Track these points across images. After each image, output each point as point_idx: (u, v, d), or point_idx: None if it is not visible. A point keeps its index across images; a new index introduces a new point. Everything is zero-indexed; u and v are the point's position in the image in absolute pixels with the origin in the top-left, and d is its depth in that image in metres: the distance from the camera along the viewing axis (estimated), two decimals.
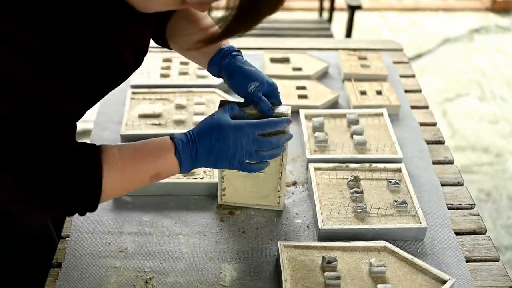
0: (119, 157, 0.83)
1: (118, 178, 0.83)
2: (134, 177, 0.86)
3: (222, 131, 0.89)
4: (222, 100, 1.00)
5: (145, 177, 0.86)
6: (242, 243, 1.05)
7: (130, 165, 0.84)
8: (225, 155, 0.89)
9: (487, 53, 3.52)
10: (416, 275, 0.97)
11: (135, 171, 0.85)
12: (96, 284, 0.96)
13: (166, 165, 0.87)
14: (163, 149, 0.87)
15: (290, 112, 0.98)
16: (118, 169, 0.82)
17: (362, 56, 1.58)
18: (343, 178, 1.16)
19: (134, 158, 0.85)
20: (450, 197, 1.17)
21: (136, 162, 0.85)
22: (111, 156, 0.82)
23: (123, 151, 0.84)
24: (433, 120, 1.40)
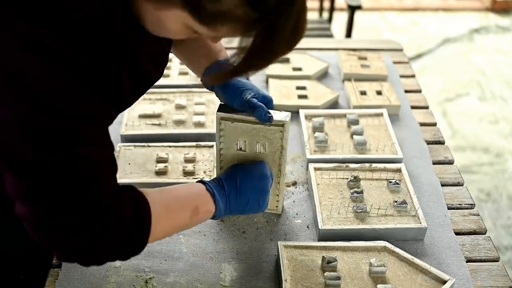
0: (161, 198, 0.83)
1: (164, 220, 0.82)
2: (177, 217, 0.86)
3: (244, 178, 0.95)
4: (221, 103, 1.00)
5: (186, 214, 0.86)
6: (242, 243, 1.05)
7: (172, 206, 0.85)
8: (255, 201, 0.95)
9: (487, 53, 3.52)
10: (416, 275, 0.97)
11: (178, 211, 0.86)
12: (96, 284, 0.96)
13: (203, 199, 0.89)
14: (196, 187, 0.91)
15: (289, 120, 0.97)
16: (162, 211, 0.82)
17: (362, 56, 1.58)
18: (343, 178, 1.16)
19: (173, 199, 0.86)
20: (450, 197, 1.17)
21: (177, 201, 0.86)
22: (154, 199, 0.81)
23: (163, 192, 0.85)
24: (433, 120, 1.40)
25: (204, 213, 0.89)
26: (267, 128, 0.97)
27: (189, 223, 0.88)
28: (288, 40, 0.70)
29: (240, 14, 0.67)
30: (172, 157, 1.21)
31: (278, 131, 0.97)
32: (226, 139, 1.00)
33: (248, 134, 0.99)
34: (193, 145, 1.24)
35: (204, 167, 1.18)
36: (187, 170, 1.16)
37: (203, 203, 0.89)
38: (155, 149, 1.23)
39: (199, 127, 1.30)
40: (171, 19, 0.72)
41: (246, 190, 0.94)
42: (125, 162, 1.19)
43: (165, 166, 1.17)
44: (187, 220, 0.87)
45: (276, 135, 0.98)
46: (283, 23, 0.68)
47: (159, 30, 0.76)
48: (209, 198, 0.90)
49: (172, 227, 0.86)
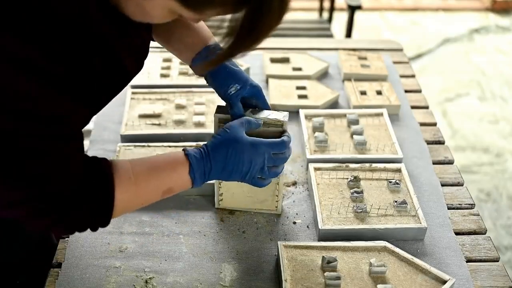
0: (132, 172, 0.82)
1: (131, 193, 0.82)
2: (146, 192, 0.84)
3: (238, 148, 0.88)
4: (219, 105, 1.00)
5: (158, 192, 0.85)
6: (242, 243, 1.05)
7: (143, 180, 0.83)
8: (238, 171, 0.89)
9: (487, 53, 3.52)
10: (416, 275, 0.97)
11: (148, 187, 0.84)
12: (96, 284, 0.96)
13: (179, 180, 0.86)
14: (177, 165, 0.86)
15: (287, 120, 0.97)
16: (131, 184, 0.81)
17: (362, 56, 1.58)
18: (343, 178, 1.16)
19: (147, 173, 0.84)
20: (450, 197, 1.17)
21: (149, 177, 0.84)
22: (123, 171, 0.81)
23: (135, 166, 0.83)
24: (433, 120, 1.40)
25: (178, 191, 0.87)
26: (265, 130, 0.97)
27: (159, 199, 0.87)
28: (275, 16, 0.70)
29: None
30: None
31: (276, 132, 0.97)
32: None
33: None
34: (193, 145, 1.24)
35: None
36: None
37: (179, 184, 0.87)
38: (155, 149, 1.23)
39: (199, 127, 1.30)
40: (156, 6, 0.71)
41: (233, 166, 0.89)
42: None
43: None
44: (158, 198, 0.86)
45: (274, 136, 0.98)
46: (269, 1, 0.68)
47: (142, 17, 0.75)
48: (187, 179, 0.86)
49: (140, 203, 0.85)
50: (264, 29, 0.71)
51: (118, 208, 0.80)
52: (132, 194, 0.82)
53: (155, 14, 0.73)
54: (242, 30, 0.69)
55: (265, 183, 0.95)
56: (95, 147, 1.26)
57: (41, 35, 0.66)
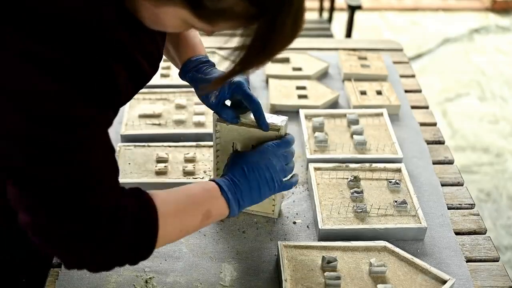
0: (171, 201, 0.81)
1: (173, 224, 0.80)
2: (187, 221, 0.83)
3: (250, 161, 0.91)
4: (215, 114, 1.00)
5: (197, 218, 0.84)
6: (242, 243, 1.05)
7: (182, 208, 0.82)
8: (264, 181, 0.90)
9: (487, 53, 3.52)
10: (416, 275, 0.97)
11: (188, 214, 0.83)
12: (96, 284, 0.96)
13: (216, 202, 0.86)
14: (210, 189, 0.87)
15: (284, 125, 0.97)
16: (172, 215, 0.80)
17: (362, 56, 1.58)
18: (343, 178, 1.16)
19: (185, 199, 0.84)
20: (450, 197, 1.17)
21: (187, 203, 0.84)
22: (162, 202, 0.79)
23: (172, 195, 0.83)
24: (433, 120, 1.40)
25: (217, 216, 0.87)
26: (262, 132, 0.97)
27: (200, 226, 0.86)
28: (288, 34, 0.70)
29: (240, 10, 0.66)
30: (172, 157, 1.21)
31: (273, 135, 0.97)
32: (222, 140, 1.01)
33: (243, 137, 0.99)
34: (193, 145, 1.24)
35: (204, 167, 1.18)
36: (187, 170, 1.16)
37: (216, 206, 0.87)
38: (155, 149, 1.23)
39: (199, 127, 1.30)
40: (170, 15, 0.71)
41: (259, 185, 0.90)
42: (125, 162, 1.19)
43: (165, 166, 1.17)
44: (198, 223, 0.85)
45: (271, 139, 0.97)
46: (283, 17, 0.67)
47: (156, 25, 0.75)
48: (222, 201, 0.87)
49: (181, 230, 0.84)
50: (276, 46, 0.70)
51: (160, 242, 0.79)
52: (174, 226, 0.81)
53: (168, 23, 0.73)
54: (254, 45, 0.69)
55: (293, 181, 0.98)
56: None
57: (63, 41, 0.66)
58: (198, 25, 0.72)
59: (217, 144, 1.02)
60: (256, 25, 0.68)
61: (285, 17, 0.67)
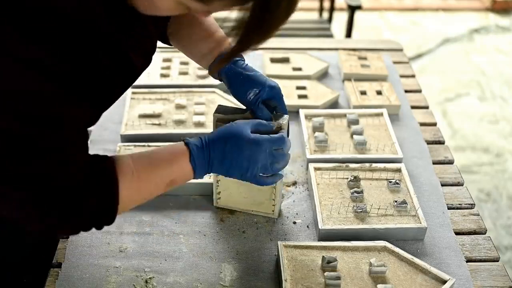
0: (134, 166, 0.81)
1: (134, 188, 0.81)
2: (150, 186, 0.84)
3: (238, 141, 0.87)
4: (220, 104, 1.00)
5: (161, 185, 0.85)
6: (242, 243, 1.05)
7: (145, 174, 0.82)
8: (238, 166, 0.87)
9: (487, 53, 3.52)
10: (416, 275, 0.97)
11: (151, 180, 0.83)
12: (96, 284, 0.96)
13: (181, 170, 0.85)
14: (178, 155, 0.85)
15: (285, 122, 0.97)
16: (133, 179, 0.80)
17: (362, 56, 1.58)
18: (343, 178, 1.16)
19: (148, 166, 0.83)
20: (450, 197, 1.17)
21: (151, 170, 0.83)
22: (125, 167, 0.80)
23: (137, 160, 0.82)
24: (433, 120, 1.40)
25: (181, 183, 0.87)
26: None
27: (162, 192, 0.86)
28: (284, 10, 0.69)
29: None
30: None
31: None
32: None
33: None
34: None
35: None
36: None
37: (181, 175, 0.86)
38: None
39: (199, 127, 1.30)
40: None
41: (230, 165, 0.87)
42: None
43: None
44: (161, 191, 0.86)
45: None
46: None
47: (150, 9, 0.75)
48: (188, 168, 0.85)
49: (143, 198, 0.85)
50: (273, 23, 0.70)
51: (123, 205, 0.80)
52: (136, 189, 0.82)
53: (162, 5, 0.73)
54: (250, 23, 0.68)
55: (268, 181, 0.93)
56: (95, 147, 1.25)
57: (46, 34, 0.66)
58: (193, 6, 0.71)
59: None
60: (251, 3, 0.67)
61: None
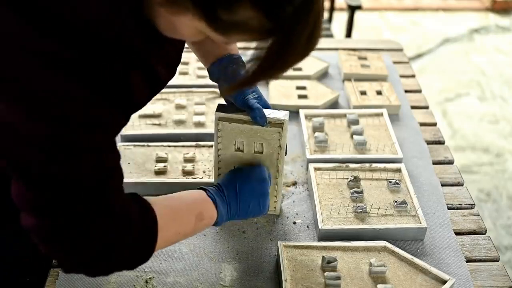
0: (166, 204, 0.83)
1: (169, 229, 0.82)
2: (182, 224, 0.85)
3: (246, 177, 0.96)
4: (220, 103, 1.00)
5: (191, 220, 0.86)
6: (242, 243, 1.05)
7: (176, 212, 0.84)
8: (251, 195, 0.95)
9: (487, 53, 3.52)
10: (416, 275, 0.97)
11: (182, 217, 0.85)
12: (96, 284, 0.96)
13: (205, 204, 0.89)
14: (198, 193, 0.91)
15: (287, 119, 0.97)
16: (168, 220, 0.81)
17: (362, 56, 1.58)
18: (343, 178, 1.16)
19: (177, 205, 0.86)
20: (450, 197, 1.17)
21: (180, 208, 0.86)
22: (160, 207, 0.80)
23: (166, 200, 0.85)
24: (433, 120, 1.40)
25: (208, 219, 0.89)
26: (265, 129, 0.97)
27: (193, 229, 0.88)
28: (302, 50, 0.70)
29: (255, 24, 0.66)
30: (171, 156, 1.21)
31: (275, 132, 0.97)
32: (224, 139, 1.00)
33: (246, 135, 0.99)
34: (192, 145, 1.24)
35: (204, 167, 1.18)
36: (187, 169, 1.16)
37: (206, 209, 0.89)
38: (155, 148, 1.23)
39: (199, 127, 1.30)
40: (185, 24, 0.71)
41: (246, 194, 0.94)
42: (124, 162, 1.19)
43: (165, 165, 1.17)
44: (192, 226, 0.87)
45: (274, 135, 0.98)
46: (299, 32, 0.66)
47: (173, 33, 0.75)
48: (210, 204, 0.89)
49: (178, 234, 0.85)
50: (289, 61, 0.70)
51: (159, 246, 0.80)
52: (171, 230, 0.83)
53: (184, 32, 0.73)
54: (268, 58, 0.68)
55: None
56: None
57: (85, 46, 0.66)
58: (212, 36, 0.71)
59: (219, 144, 1.01)
60: (270, 39, 0.67)
61: (300, 34, 0.67)
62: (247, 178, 0.96)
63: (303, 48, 0.69)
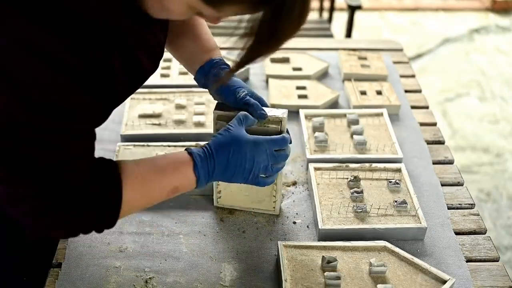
0: (137, 171, 0.81)
1: (138, 194, 0.81)
2: (153, 192, 0.84)
3: (240, 146, 0.88)
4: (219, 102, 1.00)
5: (164, 191, 0.85)
6: (242, 243, 1.05)
7: (149, 179, 0.82)
8: (241, 170, 0.88)
9: (487, 53, 3.52)
10: (416, 275, 0.97)
11: (154, 186, 0.83)
12: (96, 284, 0.96)
13: (184, 179, 0.86)
14: (182, 164, 0.86)
15: (286, 116, 0.97)
16: (137, 183, 0.80)
17: (362, 56, 1.58)
18: (343, 178, 1.16)
19: (152, 172, 0.83)
20: (450, 197, 1.17)
21: (155, 176, 0.83)
22: (129, 171, 0.80)
23: (140, 165, 0.83)
24: (433, 120, 1.40)
25: (183, 191, 0.87)
26: (264, 129, 0.97)
27: (164, 199, 0.87)
28: (295, 20, 0.69)
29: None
30: None
31: (274, 130, 0.97)
32: None
33: None
34: (192, 145, 1.24)
35: None
36: None
37: (184, 183, 0.86)
38: (155, 148, 1.23)
39: (199, 127, 1.30)
40: (175, 1, 0.71)
41: (236, 165, 0.88)
42: None
43: None
44: (163, 197, 0.86)
45: (272, 134, 0.98)
46: (291, 4, 0.66)
47: (162, 12, 0.75)
48: (191, 177, 0.86)
49: (146, 203, 0.85)
50: (284, 32, 0.70)
51: (125, 209, 0.80)
52: (139, 194, 0.81)
53: (174, 9, 0.73)
54: (262, 31, 0.68)
55: (268, 181, 0.95)
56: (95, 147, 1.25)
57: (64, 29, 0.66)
58: (204, 10, 0.71)
59: None
60: (263, 11, 0.67)
61: (292, 3, 0.66)
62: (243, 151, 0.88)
63: (295, 19, 0.69)
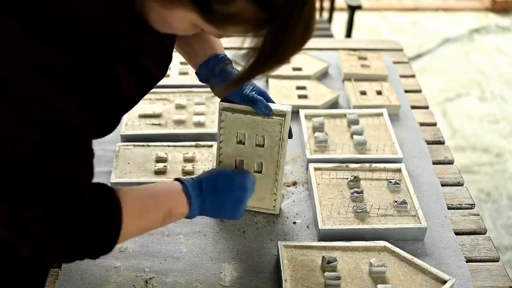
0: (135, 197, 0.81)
1: (134, 222, 0.81)
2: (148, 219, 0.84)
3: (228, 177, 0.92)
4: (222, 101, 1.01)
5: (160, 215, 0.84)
6: (242, 243, 1.05)
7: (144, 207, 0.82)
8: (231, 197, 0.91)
9: (487, 53, 3.52)
10: (416, 275, 0.97)
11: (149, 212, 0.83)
12: (96, 284, 0.96)
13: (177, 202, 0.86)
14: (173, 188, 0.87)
15: (290, 111, 0.98)
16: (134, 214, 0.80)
17: (362, 56, 1.58)
18: (343, 178, 1.16)
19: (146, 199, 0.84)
20: (450, 197, 1.17)
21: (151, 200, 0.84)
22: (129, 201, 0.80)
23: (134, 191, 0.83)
24: (433, 120, 1.40)
25: (177, 215, 0.88)
26: (267, 121, 0.97)
27: (161, 224, 0.87)
28: (298, 40, 0.69)
29: (250, 15, 0.66)
30: (171, 156, 1.21)
31: (277, 123, 0.97)
32: (227, 131, 1.01)
33: (248, 126, 0.99)
34: (192, 145, 1.24)
35: (203, 167, 1.18)
36: (186, 169, 1.16)
37: (177, 205, 0.87)
38: (155, 148, 1.23)
39: (199, 127, 1.30)
40: (179, 18, 0.71)
41: (223, 195, 0.91)
42: (124, 162, 1.19)
43: (164, 165, 1.17)
44: (159, 222, 0.86)
45: (275, 128, 0.98)
46: (294, 23, 0.66)
47: (165, 28, 0.75)
48: (184, 200, 0.87)
49: (143, 228, 0.85)
50: (286, 52, 0.70)
51: (121, 240, 0.79)
52: (137, 218, 0.81)
53: (177, 26, 0.73)
54: (264, 51, 0.68)
55: None
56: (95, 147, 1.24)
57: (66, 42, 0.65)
58: (207, 29, 0.71)
59: (221, 135, 1.01)
60: (266, 30, 0.67)
61: (296, 23, 0.67)
62: (230, 180, 0.92)
63: (299, 38, 0.69)
